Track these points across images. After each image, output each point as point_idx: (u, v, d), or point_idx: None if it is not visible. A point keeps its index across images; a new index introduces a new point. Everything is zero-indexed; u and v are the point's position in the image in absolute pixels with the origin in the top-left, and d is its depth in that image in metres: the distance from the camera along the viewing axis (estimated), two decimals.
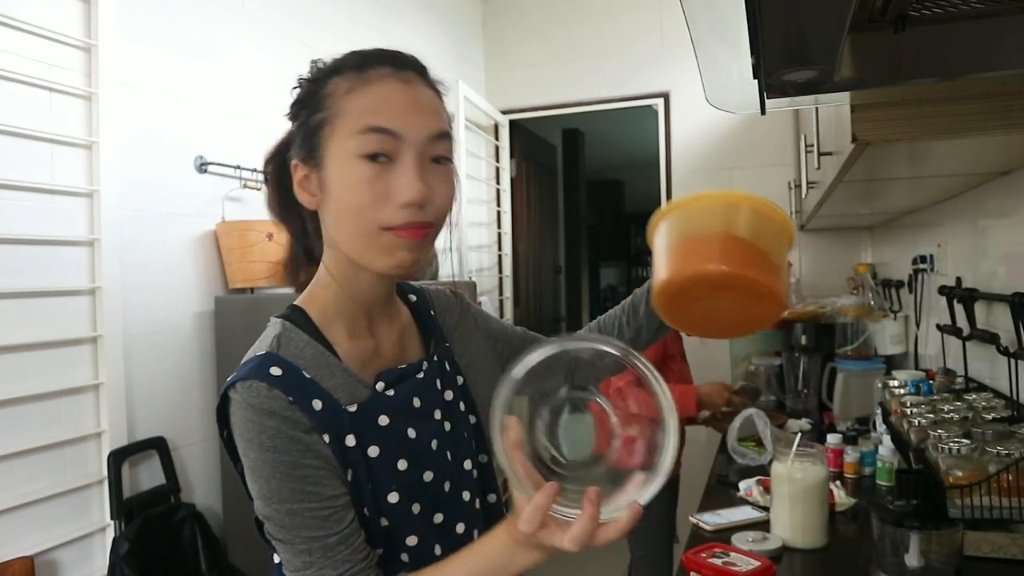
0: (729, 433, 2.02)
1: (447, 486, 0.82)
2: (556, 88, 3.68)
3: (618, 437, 0.64)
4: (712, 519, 1.50)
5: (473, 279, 3.24)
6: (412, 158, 0.73)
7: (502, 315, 3.75)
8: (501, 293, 3.82)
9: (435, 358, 0.88)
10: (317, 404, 0.73)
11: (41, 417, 1.61)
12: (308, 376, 0.74)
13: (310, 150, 0.77)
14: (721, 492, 1.74)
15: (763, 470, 1.79)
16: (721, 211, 0.73)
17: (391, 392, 0.80)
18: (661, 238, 0.77)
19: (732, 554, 1.23)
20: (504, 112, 3.73)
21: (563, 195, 5.21)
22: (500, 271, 3.84)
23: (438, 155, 0.76)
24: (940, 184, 1.68)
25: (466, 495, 0.85)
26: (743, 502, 1.62)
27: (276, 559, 0.77)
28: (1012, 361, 1.40)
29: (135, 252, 1.82)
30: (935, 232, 2.10)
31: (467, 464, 0.86)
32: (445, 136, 0.77)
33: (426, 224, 0.75)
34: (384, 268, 0.75)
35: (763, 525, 1.43)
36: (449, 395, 0.87)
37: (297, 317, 0.79)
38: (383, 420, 0.77)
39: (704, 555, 1.22)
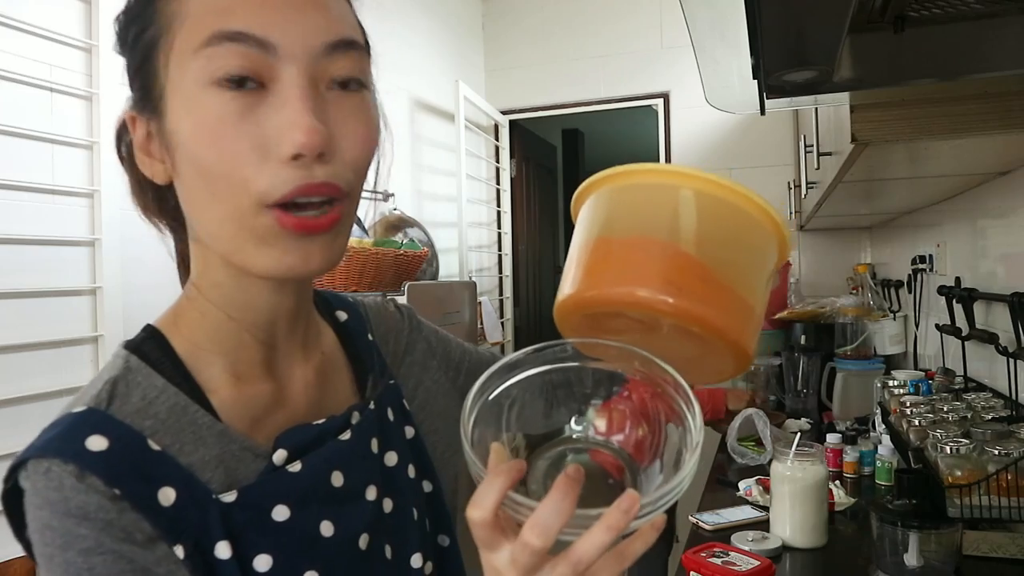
0: (729, 433, 2.02)
1: None
2: (556, 88, 3.68)
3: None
4: (711, 519, 1.50)
5: (473, 279, 3.24)
6: (296, 80, 0.46)
7: (502, 315, 3.76)
8: (501, 293, 3.82)
9: (372, 405, 0.60)
10: (167, 496, 0.47)
11: (42, 417, 1.59)
12: (155, 448, 0.47)
13: (143, 92, 0.50)
14: (720, 491, 1.74)
15: (763, 470, 1.79)
16: (672, 205, 0.47)
17: (296, 467, 0.52)
18: (581, 225, 0.51)
19: (732, 553, 1.23)
20: (504, 112, 3.73)
21: (563, 195, 5.21)
22: (500, 271, 3.84)
23: (342, 76, 0.49)
24: (939, 184, 1.69)
25: None
26: (743, 501, 1.62)
27: None
28: (1011, 361, 1.40)
29: (136, 252, 1.82)
30: (934, 232, 2.11)
31: (415, 560, 0.59)
32: (350, 46, 0.49)
33: (330, 187, 0.47)
34: (268, 270, 0.48)
35: (763, 525, 1.43)
36: (392, 459, 0.60)
37: (151, 348, 0.52)
38: (280, 513, 0.51)
39: (704, 554, 1.23)
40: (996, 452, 1.08)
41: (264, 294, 0.53)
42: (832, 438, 1.81)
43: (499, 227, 3.83)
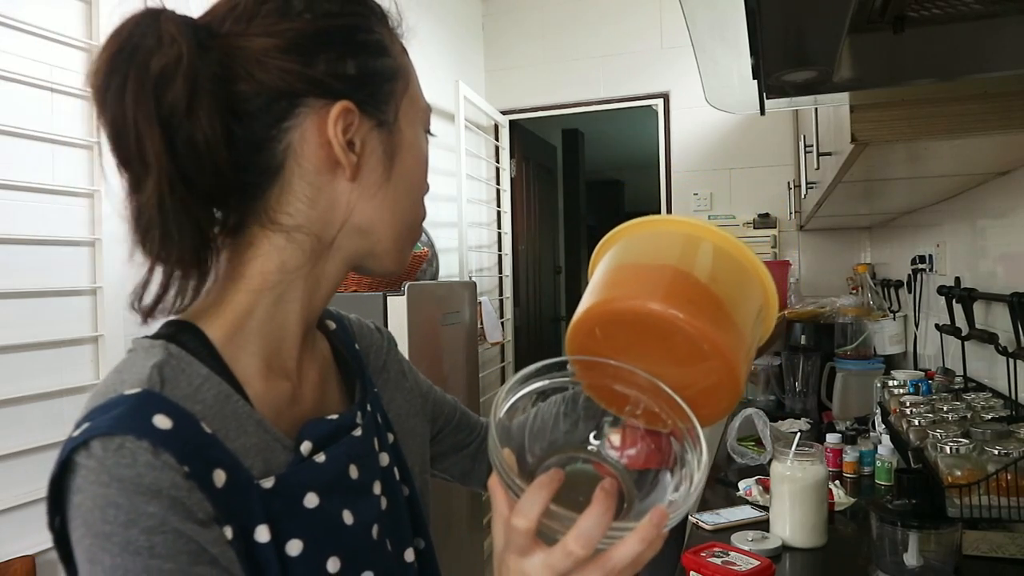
0: (728, 432, 2.02)
1: None
2: (556, 88, 3.68)
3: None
4: (711, 518, 1.50)
5: (473, 279, 3.24)
6: None
7: (502, 315, 3.76)
8: (501, 293, 3.82)
9: (369, 408, 0.64)
10: (220, 478, 0.48)
11: (42, 417, 1.61)
12: (208, 431, 0.49)
13: (380, 102, 0.56)
14: (720, 491, 1.74)
15: (762, 469, 1.80)
16: (694, 248, 0.55)
17: (321, 458, 0.55)
18: (600, 266, 0.59)
19: (732, 553, 1.23)
20: (504, 112, 3.73)
21: (563, 195, 5.21)
22: (500, 271, 3.84)
23: None
24: (939, 184, 1.69)
25: None
26: (742, 501, 1.62)
27: None
28: (1010, 361, 1.40)
29: (136, 252, 1.82)
30: (934, 232, 2.11)
31: (408, 555, 0.63)
32: None
33: None
34: (402, 265, 0.62)
35: (762, 524, 1.43)
36: (384, 459, 0.64)
37: (188, 339, 0.53)
38: (311, 501, 0.53)
39: (704, 554, 1.23)
40: (996, 452, 1.08)
41: (333, 290, 0.60)
42: (832, 438, 1.81)
43: (499, 227, 3.83)
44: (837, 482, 1.64)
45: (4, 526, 1.53)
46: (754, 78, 0.88)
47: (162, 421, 0.47)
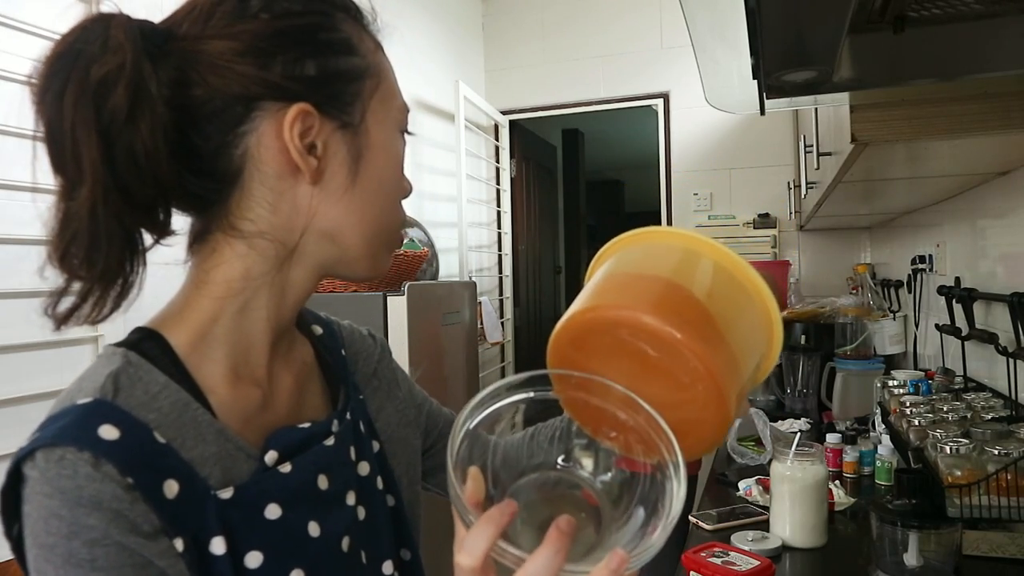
0: (728, 432, 2.02)
1: None
2: (556, 88, 3.68)
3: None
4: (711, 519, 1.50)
5: (473, 279, 3.24)
6: None
7: (502, 315, 3.76)
8: (501, 293, 3.82)
9: (348, 416, 0.62)
10: (171, 488, 0.47)
11: (42, 417, 1.61)
12: (161, 440, 0.48)
13: (343, 103, 0.54)
14: (720, 491, 1.74)
15: (762, 469, 1.79)
16: (693, 263, 0.51)
17: (287, 467, 0.54)
18: (604, 267, 0.56)
19: (731, 553, 1.23)
20: (504, 112, 3.73)
21: (563, 195, 5.21)
22: (500, 271, 3.84)
23: None
24: (939, 184, 1.69)
25: None
26: (742, 501, 1.62)
27: None
28: (1011, 361, 1.40)
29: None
30: (934, 232, 2.11)
31: (387, 567, 0.61)
32: None
33: None
34: (378, 271, 0.59)
35: (762, 524, 1.43)
36: (364, 468, 0.62)
37: (149, 347, 0.52)
38: (272, 512, 0.52)
39: (703, 554, 1.23)
40: (996, 452, 1.08)
41: (306, 290, 0.58)
42: (832, 438, 1.81)
43: (499, 227, 3.83)
44: (837, 482, 1.64)
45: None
46: (754, 78, 0.88)
47: (108, 431, 0.46)
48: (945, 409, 1.37)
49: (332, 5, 0.55)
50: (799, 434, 1.49)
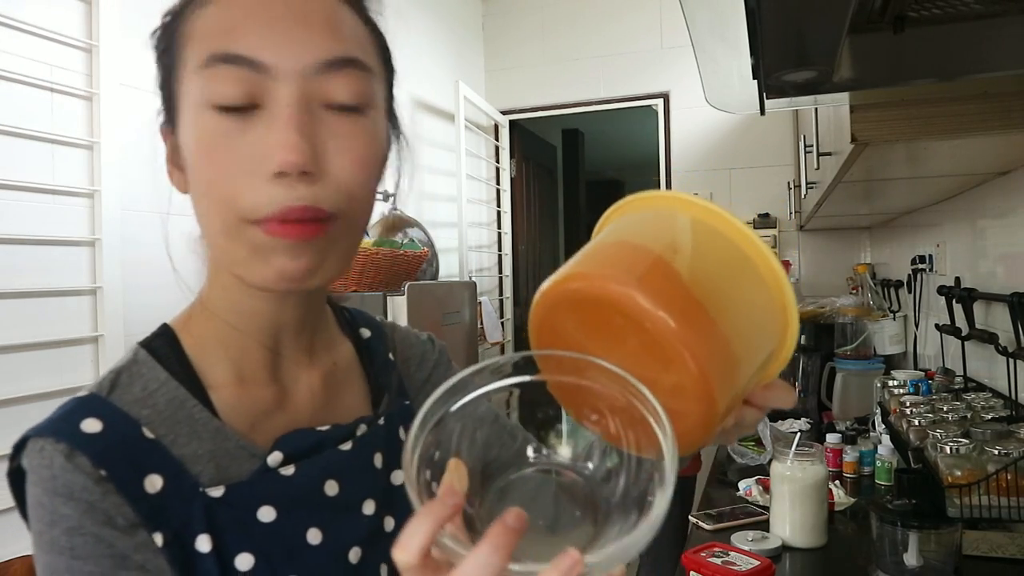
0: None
1: None
2: (556, 88, 3.68)
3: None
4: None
5: (473, 279, 3.24)
6: (287, 100, 0.46)
7: (502, 315, 3.76)
8: (501, 293, 3.82)
9: (381, 421, 0.60)
10: (153, 483, 0.48)
11: (42, 417, 1.61)
12: (149, 436, 0.49)
13: (166, 107, 0.52)
14: (720, 491, 1.74)
15: (762, 469, 1.80)
16: (671, 224, 0.47)
17: (289, 470, 0.52)
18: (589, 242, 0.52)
19: (731, 553, 1.23)
20: (504, 112, 3.73)
21: (563, 195, 5.21)
22: (500, 271, 3.84)
23: (339, 102, 0.48)
24: (939, 184, 1.69)
25: None
26: (742, 501, 1.62)
27: None
28: (1010, 361, 1.40)
29: (136, 252, 1.82)
30: (934, 232, 2.11)
31: None
32: (349, 64, 0.49)
33: (316, 211, 0.47)
34: (259, 281, 0.49)
35: (762, 524, 1.43)
36: (398, 478, 0.58)
37: (160, 344, 0.54)
38: (266, 515, 0.51)
39: (704, 554, 1.23)
40: (996, 452, 1.08)
41: (267, 304, 0.54)
42: (832, 438, 1.81)
43: (499, 227, 3.83)
44: (837, 482, 1.64)
45: (4, 526, 1.53)
46: (754, 78, 0.88)
47: (90, 425, 0.47)
48: (945, 409, 1.37)
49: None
50: (799, 434, 1.49)
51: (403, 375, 0.66)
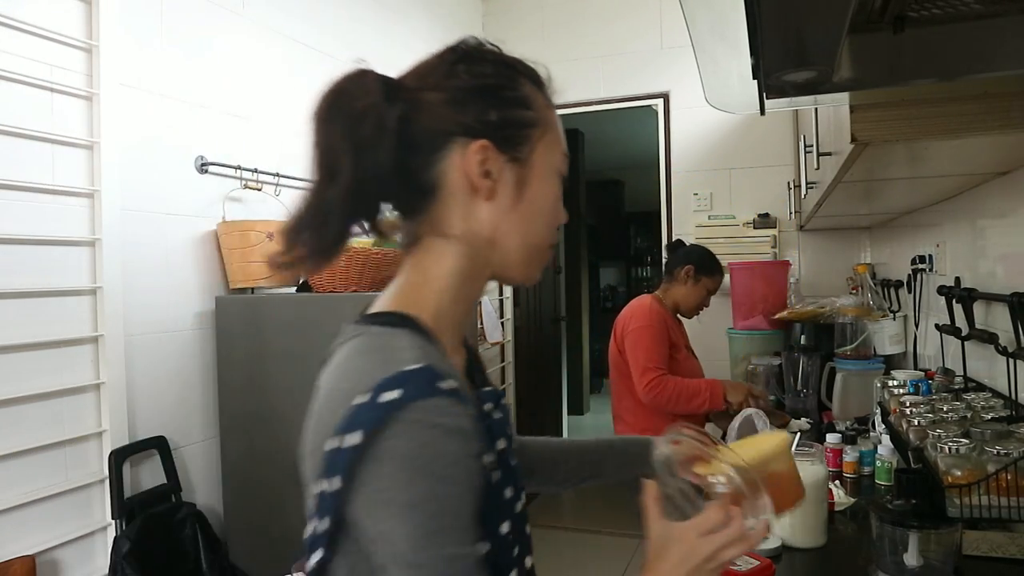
0: (729, 433, 2.02)
1: (528, 529, 0.76)
2: (556, 88, 3.68)
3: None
4: None
5: None
6: None
7: (502, 315, 3.76)
8: (501, 293, 3.82)
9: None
10: (479, 427, 0.65)
11: (42, 417, 1.61)
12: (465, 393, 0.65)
13: (514, 143, 0.72)
14: None
15: None
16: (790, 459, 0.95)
17: (499, 415, 0.73)
18: (779, 463, 0.93)
19: None
20: None
21: (563, 195, 5.20)
22: None
23: None
24: (939, 184, 1.69)
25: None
26: None
27: None
28: (1010, 361, 1.40)
29: (136, 252, 1.82)
30: (934, 232, 2.11)
31: (527, 560, 0.75)
32: None
33: None
34: (529, 279, 0.77)
35: None
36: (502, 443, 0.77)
37: (415, 326, 0.68)
38: (500, 443, 0.71)
39: None
40: (996, 452, 1.08)
41: (481, 290, 0.76)
42: (832, 438, 1.81)
43: None
44: (837, 482, 1.64)
45: (4, 526, 1.53)
46: (754, 78, 0.88)
47: (448, 384, 0.61)
48: (945, 409, 1.37)
49: (516, 71, 0.75)
50: (799, 434, 1.49)
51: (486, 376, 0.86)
